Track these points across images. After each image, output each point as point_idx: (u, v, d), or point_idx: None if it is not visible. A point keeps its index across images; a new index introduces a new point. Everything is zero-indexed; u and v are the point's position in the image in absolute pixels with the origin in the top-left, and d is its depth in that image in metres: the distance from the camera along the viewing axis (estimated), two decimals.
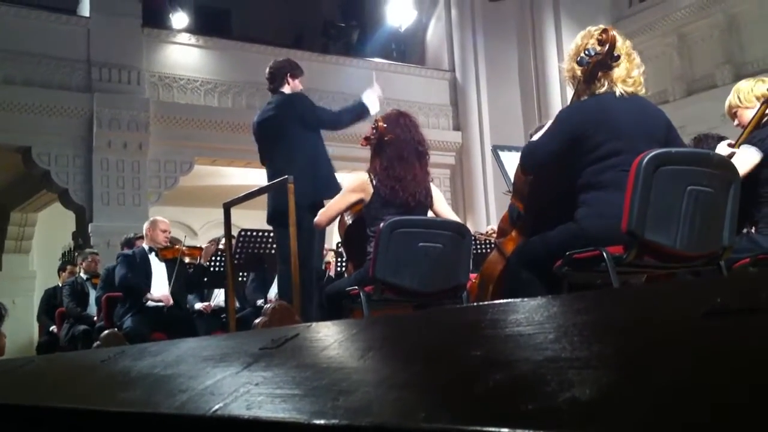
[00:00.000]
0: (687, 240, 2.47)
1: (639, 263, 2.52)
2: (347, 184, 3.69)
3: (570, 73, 2.81)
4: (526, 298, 1.14)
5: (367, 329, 1.26)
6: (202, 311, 6.41)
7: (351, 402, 0.86)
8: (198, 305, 6.47)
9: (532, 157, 2.82)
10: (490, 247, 5.63)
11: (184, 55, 9.84)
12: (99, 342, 4.63)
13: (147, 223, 6.09)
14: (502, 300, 1.40)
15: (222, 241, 5.65)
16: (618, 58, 2.68)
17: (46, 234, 11.31)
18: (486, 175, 10.94)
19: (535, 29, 11.05)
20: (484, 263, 3.20)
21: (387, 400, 0.84)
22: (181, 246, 6.06)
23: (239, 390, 1.07)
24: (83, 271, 7.37)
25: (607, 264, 2.47)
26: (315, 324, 1.49)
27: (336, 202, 3.66)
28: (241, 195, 4.39)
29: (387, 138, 3.52)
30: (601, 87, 2.72)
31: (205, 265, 6.06)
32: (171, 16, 10.63)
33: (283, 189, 3.94)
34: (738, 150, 3.26)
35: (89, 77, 9.01)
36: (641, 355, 0.73)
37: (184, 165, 9.54)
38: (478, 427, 0.67)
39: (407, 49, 12.10)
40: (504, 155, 3.75)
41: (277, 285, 5.13)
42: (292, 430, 0.87)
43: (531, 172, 2.87)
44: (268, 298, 6.04)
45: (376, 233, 3.24)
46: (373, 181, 3.51)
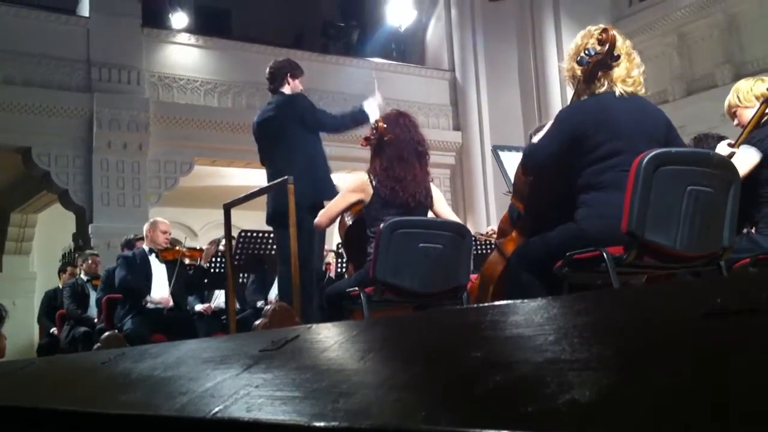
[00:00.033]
0: (687, 240, 2.47)
1: (639, 264, 2.52)
2: (347, 184, 3.68)
3: (570, 73, 2.80)
4: (526, 299, 1.14)
5: (368, 331, 1.26)
6: (202, 313, 6.40)
7: (351, 404, 0.86)
8: (198, 307, 6.46)
9: (533, 159, 2.82)
10: (490, 248, 5.62)
11: (184, 55, 9.84)
12: (99, 344, 4.62)
13: (147, 224, 6.09)
14: (502, 301, 1.40)
15: (222, 243, 5.64)
16: (618, 57, 2.68)
17: (46, 235, 11.30)
18: (486, 176, 10.93)
19: (535, 29, 11.04)
20: (484, 264, 3.19)
21: (387, 401, 0.84)
22: (182, 247, 6.05)
23: (239, 392, 1.07)
24: (83, 273, 7.36)
25: (607, 264, 2.47)
26: (315, 325, 1.49)
27: (336, 202, 3.66)
28: (241, 196, 4.38)
29: (387, 138, 3.51)
30: (601, 87, 2.72)
31: (206, 267, 6.06)
32: (171, 16, 10.63)
33: (283, 190, 3.93)
34: (738, 150, 3.26)
35: (89, 77, 9.00)
36: (641, 356, 0.73)
37: (184, 165, 9.54)
38: (478, 429, 0.67)
39: (407, 49, 12.09)
40: (504, 155, 3.75)
41: (278, 286, 5.12)
42: None
43: (532, 173, 2.87)
44: (268, 299, 6.03)
45: (376, 234, 3.24)
46: (373, 182, 3.50)
